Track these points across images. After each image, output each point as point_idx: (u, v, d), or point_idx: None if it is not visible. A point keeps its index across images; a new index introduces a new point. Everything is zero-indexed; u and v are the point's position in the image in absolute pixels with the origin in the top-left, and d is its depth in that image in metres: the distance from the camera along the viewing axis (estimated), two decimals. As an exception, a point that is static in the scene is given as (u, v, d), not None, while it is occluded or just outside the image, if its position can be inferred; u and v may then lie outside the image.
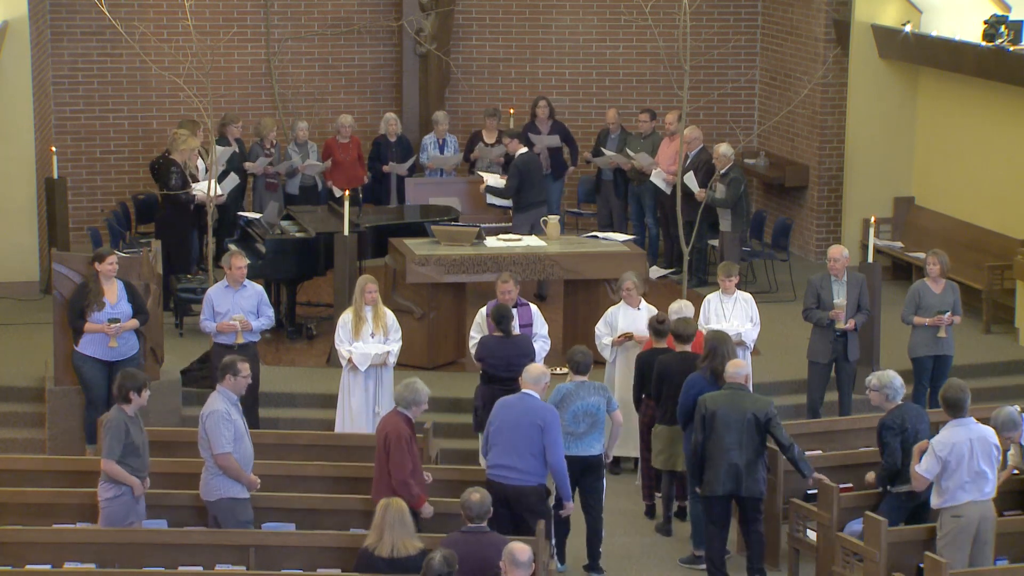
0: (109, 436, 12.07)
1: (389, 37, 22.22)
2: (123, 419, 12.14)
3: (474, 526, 11.13)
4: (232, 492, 12.22)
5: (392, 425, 12.21)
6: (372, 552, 11.09)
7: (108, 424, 12.15)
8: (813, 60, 20.98)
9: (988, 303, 18.30)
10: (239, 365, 12.40)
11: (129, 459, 12.11)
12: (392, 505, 11.19)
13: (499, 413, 12.56)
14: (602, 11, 22.52)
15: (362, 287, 14.91)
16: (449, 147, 20.79)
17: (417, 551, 11.03)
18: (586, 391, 13.25)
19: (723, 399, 12.90)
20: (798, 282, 18.94)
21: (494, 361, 14.20)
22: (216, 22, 21.44)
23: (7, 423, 15.90)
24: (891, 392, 12.77)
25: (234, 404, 12.34)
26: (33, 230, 19.15)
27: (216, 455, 12.17)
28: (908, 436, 12.58)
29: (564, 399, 13.20)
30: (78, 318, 14.86)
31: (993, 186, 19.16)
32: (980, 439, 11.99)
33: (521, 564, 10.19)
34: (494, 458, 12.45)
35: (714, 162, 19.07)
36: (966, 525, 11.94)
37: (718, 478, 12.84)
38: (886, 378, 12.83)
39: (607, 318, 15.26)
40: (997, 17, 18.09)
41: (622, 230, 20.00)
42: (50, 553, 11.87)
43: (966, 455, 11.92)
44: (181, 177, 18.13)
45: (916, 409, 12.88)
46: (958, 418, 12.06)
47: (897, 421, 12.64)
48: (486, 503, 11.15)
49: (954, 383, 12.23)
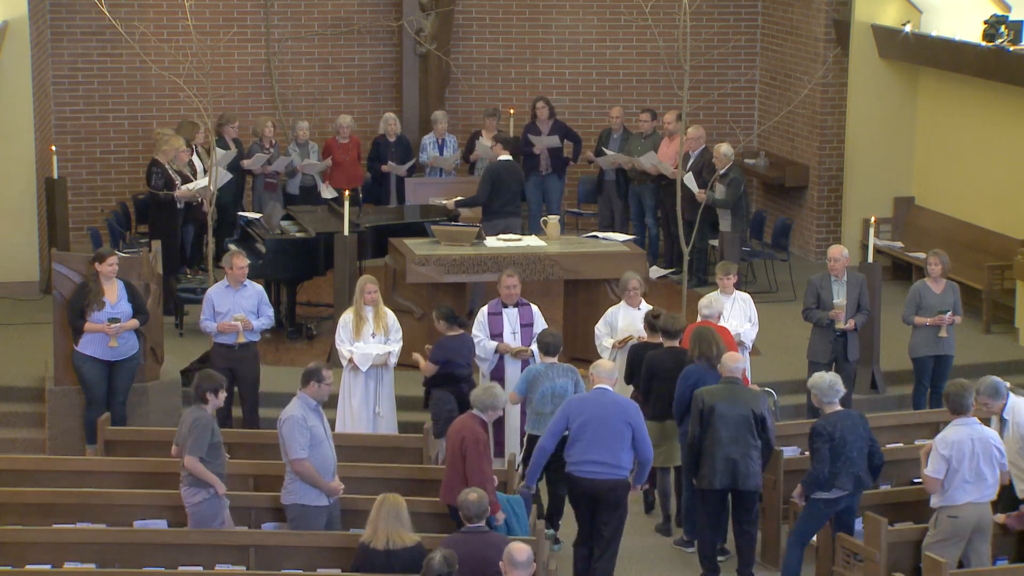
0: (196, 434, 12.09)
1: (389, 37, 22.22)
2: (209, 419, 12.19)
3: (473, 526, 11.13)
4: (306, 499, 12.17)
5: (469, 428, 12.25)
6: (368, 545, 11.13)
7: (196, 422, 12.17)
8: (813, 60, 20.99)
9: (988, 303, 18.30)
10: (323, 372, 12.40)
11: (210, 458, 12.14)
12: (388, 500, 11.22)
13: (581, 409, 12.50)
14: (602, 11, 22.53)
15: (362, 287, 14.91)
16: (448, 147, 20.79)
17: (413, 543, 11.07)
18: (555, 373, 13.59)
19: (721, 393, 12.97)
20: (798, 282, 18.93)
21: (460, 360, 14.28)
22: (216, 22, 21.44)
23: (7, 423, 15.89)
24: (821, 395, 12.68)
25: (313, 410, 12.32)
26: (33, 230, 19.16)
27: (291, 461, 12.16)
28: (837, 444, 12.47)
29: (534, 381, 13.56)
30: (78, 318, 14.86)
31: (993, 186, 19.16)
32: (982, 439, 11.94)
33: (520, 564, 10.21)
34: (580, 454, 12.42)
35: (714, 161, 19.07)
36: (961, 526, 11.90)
37: (715, 472, 12.90)
38: (816, 380, 12.76)
39: (607, 318, 15.26)
40: (997, 17, 18.09)
41: (624, 230, 20.00)
42: (50, 553, 11.87)
43: (967, 455, 11.88)
44: (163, 177, 18.14)
45: (852, 416, 12.69)
46: (961, 417, 12.02)
47: (828, 428, 12.54)
48: (483, 503, 11.14)
49: (957, 383, 12.18)
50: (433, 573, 10.23)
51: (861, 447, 12.55)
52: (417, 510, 11.82)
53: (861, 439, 12.55)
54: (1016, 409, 12.40)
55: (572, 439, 12.51)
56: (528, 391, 13.64)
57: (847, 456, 12.48)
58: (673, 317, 14.32)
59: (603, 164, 20.65)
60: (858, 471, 12.54)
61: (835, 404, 12.64)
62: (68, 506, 12.61)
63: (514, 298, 14.93)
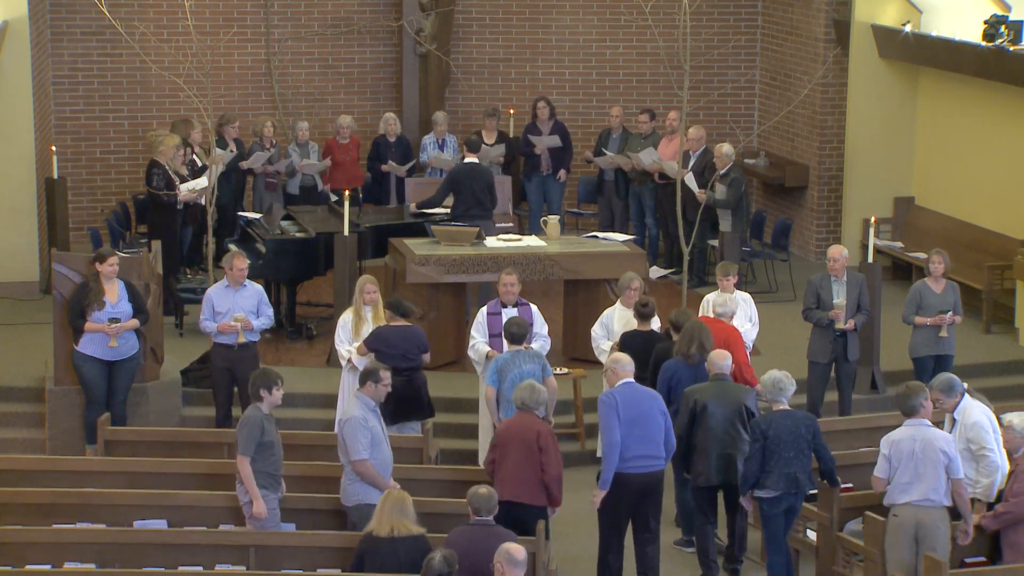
0: (245, 434, 12.07)
1: (389, 37, 22.22)
2: (260, 417, 12.15)
3: (480, 519, 11.17)
4: (369, 498, 12.12)
5: (538, 424, 12.34)
6: (372, 534, 11.19)
7: (244, 421, 12.16)
8: (813, 60, 20.99)
9: (988, 303, 18.30)
10: (381, 373, 12.42)
11: (260, 458, 12.10)
12: (393, 494, 11.30)
13: (626, 406, 12.54)
14: (602, 11, 22.52)
15: (362, 287, 14.90)
16: (449, 147, 20.79)
17: (418, 533, 11.12)
18: (522, 359, 13.78)
19: (711, 391, 13.08)
20: (798, 282, 18.93)
21: (392, 351, 14.17)
22: (216, 22, 21.44)
23: (7, 423, 15.89)
24: (766, 392, 12.79)
25: (372, 410, 12.34)
26: (33, 230, 19.16)
27: (353, 461, 12.16)
28: (771, 443, 12.52)
29: (503, 368, 13.75)
30: (78, 317, 14.86)
31: (993, 186, 19.16)
32: (925, 441, 11.83)
33: (519, 563, 10.24)
34: (629, 449, 12.49)
35: (715, 161, 19.08)
36: (900, 526, 11.84)
37: (710, 469, 13.01)
38: (765, 377, 12.86)
39: (603, 320, 15.24)
40: (997, 17, 18.09)
41: (624, 230, 20.00)
42: (50, 553, 11.87)
43: (906, 455, 11.82)
44: (164, 178, 18.13)
45: (794, 417, 12.66)
46: (911, 419, 11.96)
47: (763, 426, 12.62)
48: (492, 499, 11.21)
49: (913, 385, 12.13)
50: (433, 572, 10.25)
51: (801, 448, 12.59)
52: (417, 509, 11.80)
53: (801, 440, 12.57)
54: (967, 411, 12.40)
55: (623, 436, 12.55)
56: (499, 380, 13.78)
57: (781, 456, 12.54)
58: (685, 312, 14.39)
59: (602, 164, 20.65)
60: (794, 471, 12.57)
61: (782, 403, 12.70)
62: (68, 506, 12.59)
63: (513, 297, 14.92)
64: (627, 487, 12.56)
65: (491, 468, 12.47)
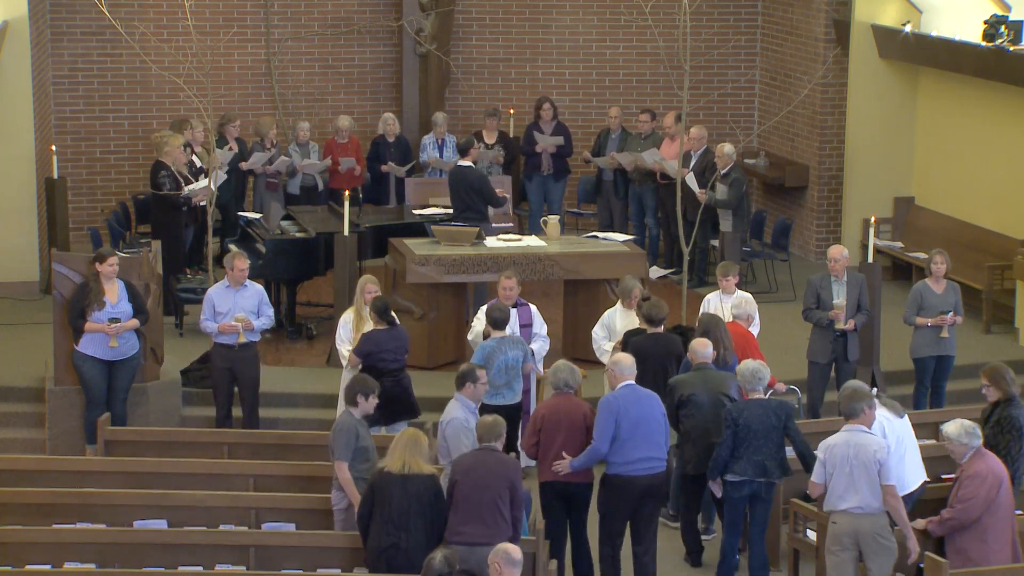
0: (342, 440, 12.10)
1: (389, 37, 22.22)
2: (354, 423, 12.18)
3: (487, 444, 11.52)
4: None
5: (582, 405, 12.64)
6: (384, 469, 11.38)
7: (339, 427, 12.20)
8: (813, 60, 20.99)
9: (988, 303, 18.30)
10: (478, 372, 12.53)
11: (358, 463, 12.11)
12: (408, 431, 11.61)
13: (628, 410, 12.57)
14: (602, 11, 22.52)
15: (362, 287, 14.91)
16: (448, 147, 20.78)
17: (428, 472, 11.37)
18: (507, 346, 14.07)
19: (694, 380, 13.26)
20: (798, 282, 18.93)
21: (384, 355, 14.27)
22: (216, 22, 21.44)
23: (7, 423, 15.89)
24: (743, 381, 12.96)
25: (472, 412, 12.43)
26: (33, 230, 19.16)
27: (453, 462, 12.19)
28: (741, 430, 12.69)
29: (489, 355, 13.98)
30: (78, 317, 14.86)
31: (993, 186, 19.16)
32: (860, 447, 11.71)
33: (515, 563, 10.32)
34: (631, 453, 12.54)
35: (715, 161, 19.08)
36: (839, 534, 11.77)
37: (699, 457, 13.18)
38: (741, 367, 13.02)
39: (604, 321, 15.25)
40: (997, 17, 18.09)
41: (623, 230, 19.99)
42: (50, 553, 11.87)
43: (840, 461, 11.72)
44: (172, 179, 18.11)
45: (766, 406, 12.80)
46: (851, 424, 11.86)
47: (734, 414, 12.78)
48: (497, 426, 11.59)
49: (859, 389, 12.00)
50: (434, 572, 10.30)
51: (772, 438, 12.72)
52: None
53: (773, 430, 12.72)
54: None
55: (622, 440, 12.55)
56: (485, 366, 13.78)
57: (751, 443, 12.70)
58: (657, 304, 14.40)
59: (601, 164, 20.65)
60: (762, 459, 12.71)
61: (757, 391, 12.88)
62: (68, 506, 12.60)
63: (512, 299, 14.94)
64: (630, 489, 12.58)
65: (534, 451, 12.64)
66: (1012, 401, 12.74)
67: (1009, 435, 12.57)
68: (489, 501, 11.34)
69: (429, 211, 18.69)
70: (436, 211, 18.58)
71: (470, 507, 11.34)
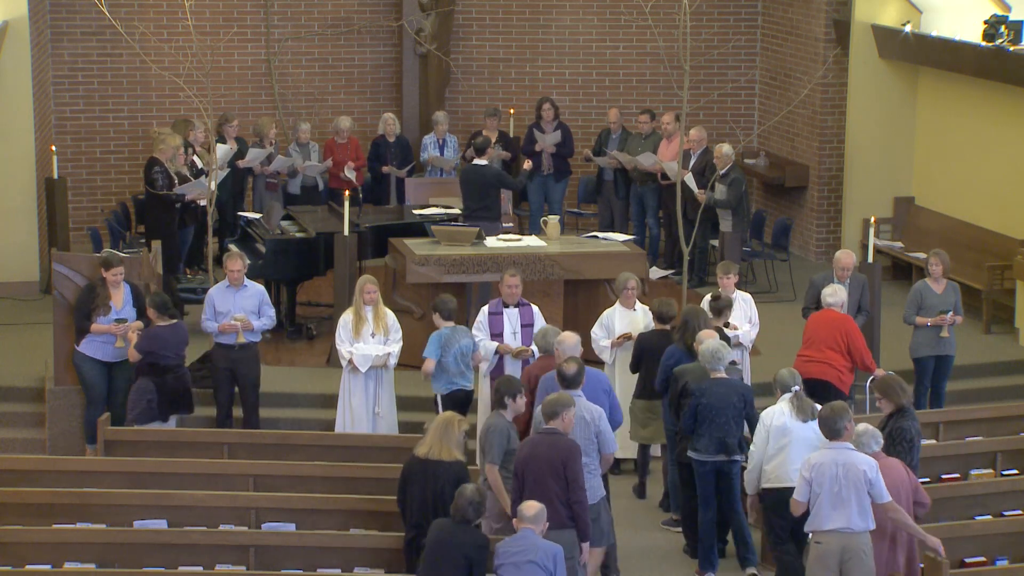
0: (495, 441, 12.18)
1: (389, 37, 22.23)
2: (506, 425, 12.29)
3: (548, 427, 11.70)
4: None
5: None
6: (415, 454, 11.68)
7: (491, 428, 12.28)
8: (813, 60, 20.99)
9: (988, 303, 18.30)
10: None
11: (507, 464, 12.16)
12: (442, 416, 11.92)
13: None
14: (602, 11, 22.53)
15: (362, 287, 14.91)
16: (449, 147, 20.79)
17: (453, 459, 11.55)
18: (459, 334, 14.54)
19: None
20: (798, 282, 18.94)
21: (167, 351, 14.49)
22: (216, 22, 21.45)
23: (7, 423, 15.89)
24: (704, 361, 13.26)
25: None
26: (33, 230, 19.16)
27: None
28: (702, 408, 13.03)
29: (447, 343, 14.45)
30: (84, 319, 14.88)
31: (993, 186, 19.16)
32: (849, 466, 11.55)
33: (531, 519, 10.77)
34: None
35: (715, 161, 19.08)
36: (825, 554, 11.60)
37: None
38: (702, 347, 13.31)
39: (603, 320, 15.28)
40: (997, 17, 18.09)
41: (623, 230, 20.00)
42: (50, 553, 11.88)
43: (828, 479, 11.55)
44: (165, 176, 18.10)
45: (727, 385, 13.12)
46: (835, 442, 11.71)
47: (697, 393, 13.11)
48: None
49: (836, 406, 11.89)
50: (464, 500, 10.85)
51: (732, 416, 13.06)
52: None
53: (733, 408, 13.05)
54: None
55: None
56: (442, 354, 14.37)
57: (712, 421, 13.03)
58: (667, 303, 14.69)
59: (601, 163, 20.65)
60: (725, 437, 13.04)
61: (719, 371, 13.17)
62: (68, 506, 12.59)
63: (515, 298, 14.97)
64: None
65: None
66: (904, 412, 12.62)
67: (900, 446, 12.46)
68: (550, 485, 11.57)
69: (429, 211, 18.70)
70: (436, 211, 18.61)
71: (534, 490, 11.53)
